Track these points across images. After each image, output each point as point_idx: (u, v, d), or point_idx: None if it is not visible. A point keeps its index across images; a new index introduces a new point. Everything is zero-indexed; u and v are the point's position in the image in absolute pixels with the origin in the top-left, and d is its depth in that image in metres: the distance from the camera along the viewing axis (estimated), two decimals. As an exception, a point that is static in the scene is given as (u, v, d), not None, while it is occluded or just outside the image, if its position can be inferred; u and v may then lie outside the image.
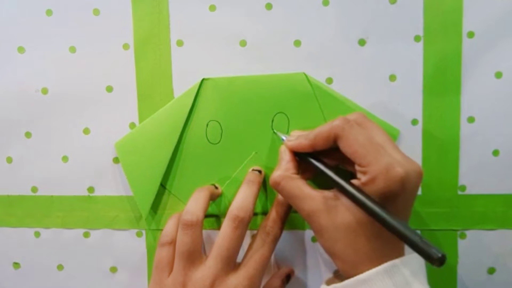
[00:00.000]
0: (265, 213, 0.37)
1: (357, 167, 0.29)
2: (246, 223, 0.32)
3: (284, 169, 0.32)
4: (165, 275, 0.32)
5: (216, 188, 0.36)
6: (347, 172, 0.33)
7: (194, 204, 0.33)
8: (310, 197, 0.30)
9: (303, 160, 0.32)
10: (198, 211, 0.33)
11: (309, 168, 0.33)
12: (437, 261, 0.24)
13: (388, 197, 0.28)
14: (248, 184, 0.34)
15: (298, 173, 0.32)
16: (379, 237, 0.28)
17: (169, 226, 0.34)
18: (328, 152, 0.31)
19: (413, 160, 0.29)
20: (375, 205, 0.27)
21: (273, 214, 0.34)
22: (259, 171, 0.35)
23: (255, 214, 0.37)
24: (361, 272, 0.28)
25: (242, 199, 0.33)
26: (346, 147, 0.29)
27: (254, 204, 0.33)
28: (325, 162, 0.31)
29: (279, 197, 0.34)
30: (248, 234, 0.37)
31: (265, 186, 0.37)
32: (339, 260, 0.29)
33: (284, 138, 0.34)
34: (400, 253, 0.29)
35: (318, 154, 0.32)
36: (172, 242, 0.33)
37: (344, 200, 0.29)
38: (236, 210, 0.32)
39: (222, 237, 0.31)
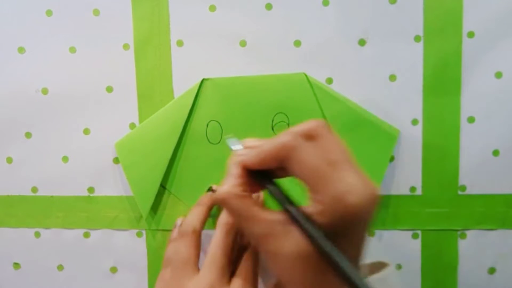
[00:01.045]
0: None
1: (308, 193, 0.26)
2: (238, 230, 0.32)
3: (232, 185, 0.28)
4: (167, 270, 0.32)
5: (214, 191, 0.36)
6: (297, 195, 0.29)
7: (193, 216, 0.33)
8: (257, 219, 0.26)
9: (252, 177, 0.28)
10: (195, 222, 0.33)
11: (258, 186, 0.29)
12: None
13: (338, 228, 0.25)
14: None
15: (247, 190, 0.28)
16: (328, 271, 0.25)
17: (169, 250, 0.33)
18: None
19: (369, 182, 0.26)
20: (323, 239, 0.24)
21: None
22: None
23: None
24: None
25: None
26: (296, 170, 0.26)
27: None
28: (275, 182, 0.28)
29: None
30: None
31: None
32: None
33: (234, 147, 0.29)
34: None
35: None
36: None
37: (291, 227, 0.26)
38: (227, 217, 0.32)
39: (214, 244, 0.31)
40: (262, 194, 0.35)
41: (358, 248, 0.27)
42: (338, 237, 0.25)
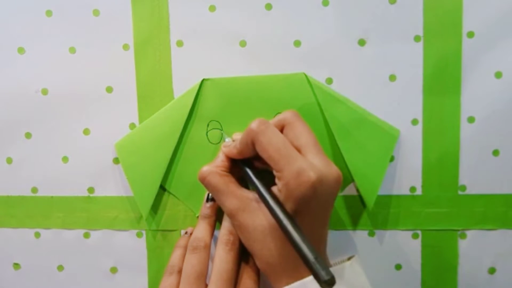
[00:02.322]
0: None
1: (274, 172, 0.29)
2: (238, 245, 0.32)
3: (214, 165, 0.32)
4: None
5: (213, 200, 0.36)
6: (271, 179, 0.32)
7: (201, 230, 0.34)
8: (234, 194, 0.31)
9: (235, 163, 0.33)
10: (205, 236, 0.33)
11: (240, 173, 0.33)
12: (325, 284, 0.25)
13: (300, 203, 0.28)
14: None
15: (228, 173, 0.32)
16: (289, 248, 0.28)
17: (175, 256, 0.34)
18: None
19: (333, 164, 0.29)
20: (282, 213, 0.28)
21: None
22: None
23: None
24: (277, 273, 0.29)
25: (229, 223, 0.33)
26: (262, 152, 0.29)
27: None
28: (254, 166, 0.32)
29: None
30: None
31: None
32: (257, 260, 0.30)
33: (226, 140, 0.35)
34: None
35: (253, 159, 0.32)
36: (179, 271, 0.33)
37: (263, 204, 0.30)
38: (227, 234, 0.32)
39: (218, 262, 0.32)
40: None
41: (321, 226, 0.30)
42: (301, 214, 0.28)
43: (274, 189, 0.30)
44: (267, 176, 0.30)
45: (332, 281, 0.25)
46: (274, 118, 0.31)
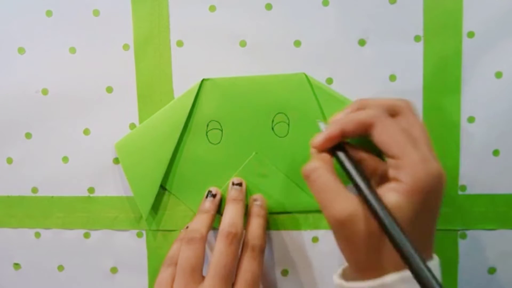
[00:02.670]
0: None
1: (389, 161, 0.26)
2: (239, 238, 0.32)
3: (321, 159, 0.28)
4: None
5: (214, 196, 0.36)
6: (369, 175, 0.29)
7: (198, 222, 0.34)
8: (347, 197, 0.26)
9: (334, 155, 0.29)
10: (202, 228, 0.33)
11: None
12: None
13: (427, 195, 0.25)
14: (233, 202, 0.34)
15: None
16: (422, 234, 0.27)
17: (174, 249, 0.35)
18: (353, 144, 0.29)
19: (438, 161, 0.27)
20: (392, 223, 0.24)
21: (253, 227, 0.34)
22: (240, 184, 0.36)
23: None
24: (379, 272, 0.26)
25: (231, 216, 0.33)
26: (381, 136, 0.26)
27: (242, 219, 0.33)
28: (351, 155, 0.28)
29: (255, 208, 0.35)
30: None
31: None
32: (358, 265, 0.27)
33: (323, 128, 0.30)
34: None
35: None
36: (177, 263, 0.33)
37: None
38: (228, 226, 0.32)
39: (217, 255, 0.31)
40: None
41: (431, 226, 0.27)
42: (426, 210, 0.25)
43: (390, 186, 0.26)
44: (365, 176, 0.27)
45: None
46: (383, 100, 0.28)
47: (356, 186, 0.26)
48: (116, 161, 0.38)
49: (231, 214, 0.33)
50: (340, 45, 0.36)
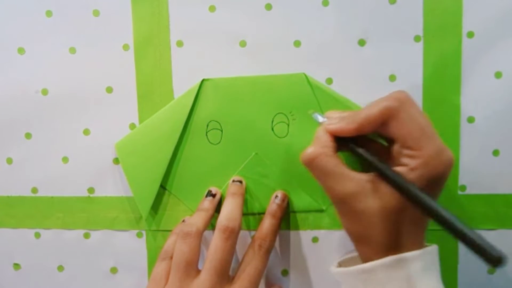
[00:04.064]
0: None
1: (405, 151, 0.27)
2: (236, 233, 0.32)
3: (321, 146, 0.29)
4: (160, 287, 0.32)
5: (214, 195, 0.36)
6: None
7: (195, 217, 0.34)
8: (350, 177, 0.28)
9: (341, 146, 0.30)
10: (199, 223, 0.33)
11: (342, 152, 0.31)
12: (497, 261, 0.22)
13: (436, 181, 0.27)
14: (232, 196, 0.34)
15: (335, 152, 0.29)
16: (420, 224, 0.28)
17: (169, 242, 0.35)
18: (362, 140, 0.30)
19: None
20: (422, 193, 0.25)
21: (265, 226, 0.34)
22: (240, 181, 0.36)
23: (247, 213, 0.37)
24: (390, 250, 0.27)
25: (229, 210, 0.33)
26: (400, 129, 0.27)
27: (241, 214, 0.33)
28: (363, 147, 0.29)
29: (271, 207, 0.35)
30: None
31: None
32: (369, 244, 0.28)
33: (321, 120, 0.31)
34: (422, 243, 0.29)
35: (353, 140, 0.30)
36: (172, 257, 0.33)
37: (383, 185, 0.27)
38: (226, 220, 0.32)
39: (214, 249, 0.31)
40: None
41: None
42: (433, 189, 0.27)
43: (399, 169, 0.27)
44: (378, 158, 0.28)
45: (503, 258, 0.22)
46: (389, 98, 0.28)
47: (371, 164, 0.28)
48: (116, 161, 0.38)
49: (230, 208, 0.33)
50: (340, 45, 0.36)
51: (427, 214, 0.25)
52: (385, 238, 0.28)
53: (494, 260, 0.22)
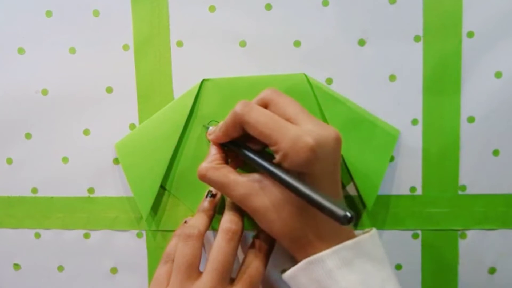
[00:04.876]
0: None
1: (270, 148, 0.29)
2: (239, 235, 0.32)
3: (209, 161, 0.32)
4: None
5: (214, 196, 0.36)
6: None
7: (196, 219, 0.34)
8: (236, 183, 0.31)
9: (229, 149, 0.33)
10: (200, 225, 0.33)
11: (237, 156, 0.34)
12: (344, 219, 0.25)
13: (303, 168, 0.28)
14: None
15: (225, 164, 0.33)
16: (307, 210, 0.29)
17: (171, 245, 0.35)
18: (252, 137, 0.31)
19: (328, 126, 0.29)
20: (288, 177, 0.28)
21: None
22: None
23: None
24: (308, 247, 0.29)
25: (232, 213, 0.33)
26: (252, 131, 0.29)
27: (243, 217, 0.33)
28: (249, 147, 0.32)
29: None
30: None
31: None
32: (283, 240, 0.30)
33: (210, 128, 0.35)
34: (344, 230, 0.30)
35: (244, 140, 0.32)
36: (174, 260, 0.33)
37: (269, 181, 0.30)
38: (229, 222, 0.32)
39: (216, 250, 0.31)
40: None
41: (331, 187, 0.30)
42: (307, 178, 0.28)
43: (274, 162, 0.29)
44: (265, 156, 0.31)
45: (351, 216, 0.25)
46: (254, 98, 0.31)
47: (253, 161, 0.30)
48: (116, 161, 0.38)
49: (232, 211, 0.33)
50: (340, 45, 0.36)
51: (295, 194, 0.27)
52: (290, 232, 0.30)
53: (343, 217, 0.25)
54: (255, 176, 0.31)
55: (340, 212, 0.25)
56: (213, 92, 0.36)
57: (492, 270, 0.36)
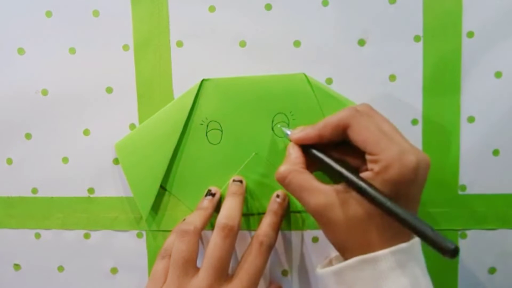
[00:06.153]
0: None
1: (367, 157, 0.28)
2: (236, 232, 0.32)
3: (292, 163, 0.31)
4: (158, 285, 0.32)
5: (214, 195, 0.36)
6: (353, 167, 0.32)
7: (194, 216, 0.34)
8: (320, 190, 0.29)
9: (309, 155, 0.31)
10: (197, 221, 0.33)
11: (313, 163, 0.32)
12: (450, 253, 0.24)
13: (401, 186, 0.27)
14: (232, 195, 0.34)
15: (306, 168, 0.31)
16: (389, 228, 0.28)
17: (169, 241, 0.34)
18: (332, 146, 0.31)
19: (420, 149, 0.29)
20: (385, 198, 0.27)
21: (266, 223, 0.34)
22: (240, 181, 0.36)
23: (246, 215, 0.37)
24: (366, 248, 0.28)
25: (229, 209, 0.33)
26: (357, 135, 0.28)
27: (241, 214, 0.33)
28: (331, 156, 0.30)
29: (272, 206, 0.35)
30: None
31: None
32: (349, 253, 0.29)
33: (288, 132, 0.33)
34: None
35: (322, 149, 0.31)
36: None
37: (354, 193, 0.28)
38: (225, 219, 0.32)
39: (212, 247, 0.31)
40: None
41: (415, 208, 0.29)
42: (400, 198, 0.27)
43: (364, 175, 0.28)
44: (349, 168, 0.29)
45: (457, 250, 0.24)
46: (348, 107, 0.30)
47: (340, 173, 0.29)
48: (116, 161, 0.38)
49: (229, 207, 0.33)
50: (340, 45, 0.36)
51: (393, 217, 0.26)
52: (354, 245, 0.28)
53: (452, 251, 0.24)
54: (339, 186, 0.29)
55: (449, 245, 0.24)
56: (213, 92, 0.36)
57: (492, 270, 0.36)
